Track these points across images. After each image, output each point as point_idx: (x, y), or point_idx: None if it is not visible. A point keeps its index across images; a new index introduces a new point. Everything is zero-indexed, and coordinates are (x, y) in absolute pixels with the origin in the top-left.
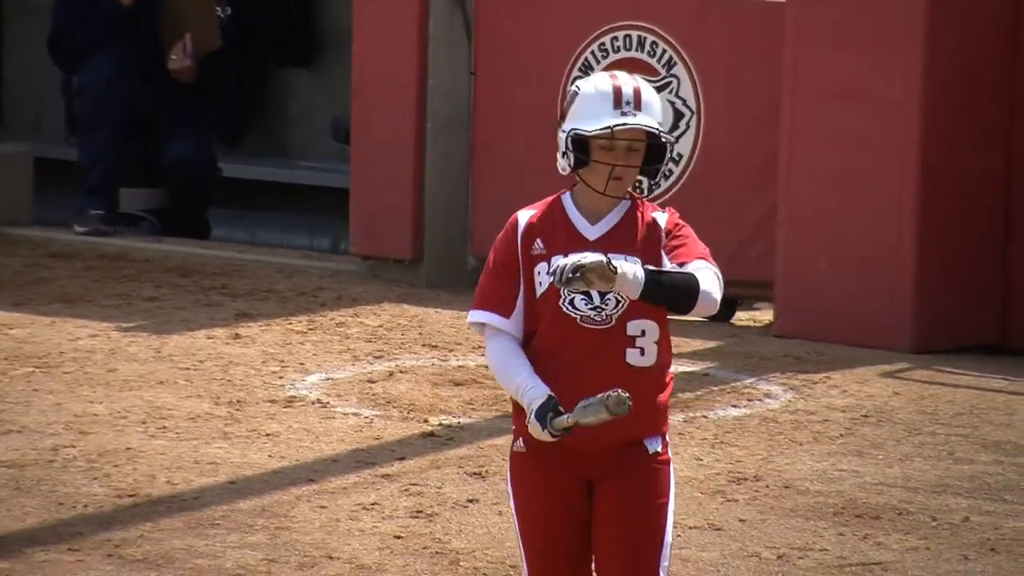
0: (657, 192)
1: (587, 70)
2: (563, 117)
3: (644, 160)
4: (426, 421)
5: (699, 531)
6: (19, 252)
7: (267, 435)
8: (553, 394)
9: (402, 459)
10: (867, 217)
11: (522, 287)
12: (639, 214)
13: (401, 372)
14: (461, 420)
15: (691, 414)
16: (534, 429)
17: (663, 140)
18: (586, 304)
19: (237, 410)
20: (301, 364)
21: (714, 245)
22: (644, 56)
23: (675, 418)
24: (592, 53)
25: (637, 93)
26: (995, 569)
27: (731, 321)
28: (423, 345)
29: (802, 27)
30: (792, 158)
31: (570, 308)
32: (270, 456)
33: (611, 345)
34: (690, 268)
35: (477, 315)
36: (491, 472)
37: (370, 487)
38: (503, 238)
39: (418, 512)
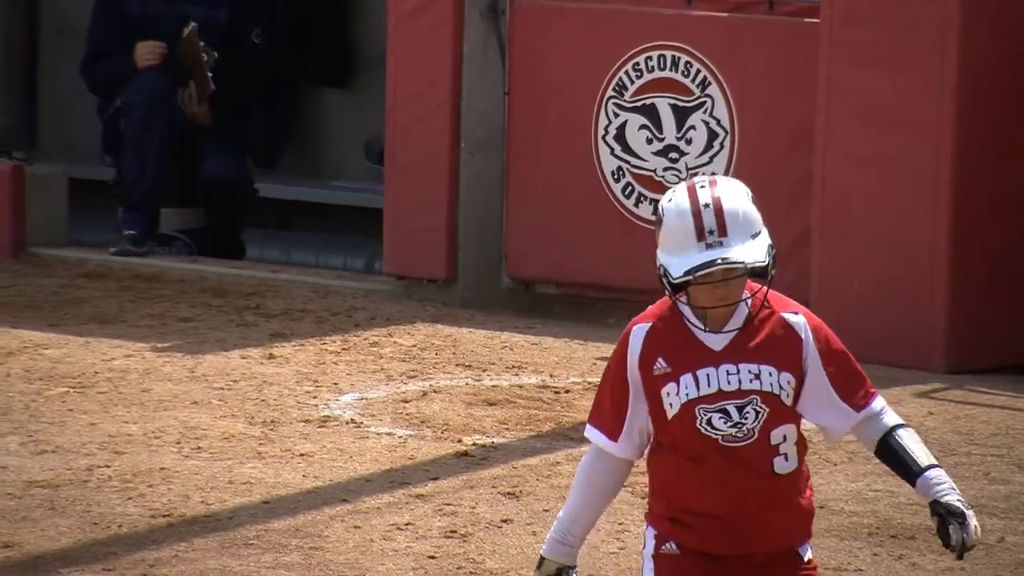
0: None
1: (621, 90)
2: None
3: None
4: (460, 441)
5: None
6: (54, 273)
7: (301, 455)
8: (566, 566)
9: (436, 479)
10: (901, 237)
11: (647, 407)
12: (766, 311)
13: (435, 392)
14: (495, 440)
15: None
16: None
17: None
18: (725, 423)
19: (271, 430)
20: (335, 384)
21: None
22: (678, 76)
23: None
24: (626, 73)
25: (719, 214)
26: None
27: None
28: (457, 365)
29: (836, 47)
30: (826, 178)
31: (709, 428)
32: (304, 476)
33: (758, 458)
34: (890, 423)
35: (590, 432)
36: (525, 492)
37: (404, 507)
38: (617, 355)
39: (452, 532)
